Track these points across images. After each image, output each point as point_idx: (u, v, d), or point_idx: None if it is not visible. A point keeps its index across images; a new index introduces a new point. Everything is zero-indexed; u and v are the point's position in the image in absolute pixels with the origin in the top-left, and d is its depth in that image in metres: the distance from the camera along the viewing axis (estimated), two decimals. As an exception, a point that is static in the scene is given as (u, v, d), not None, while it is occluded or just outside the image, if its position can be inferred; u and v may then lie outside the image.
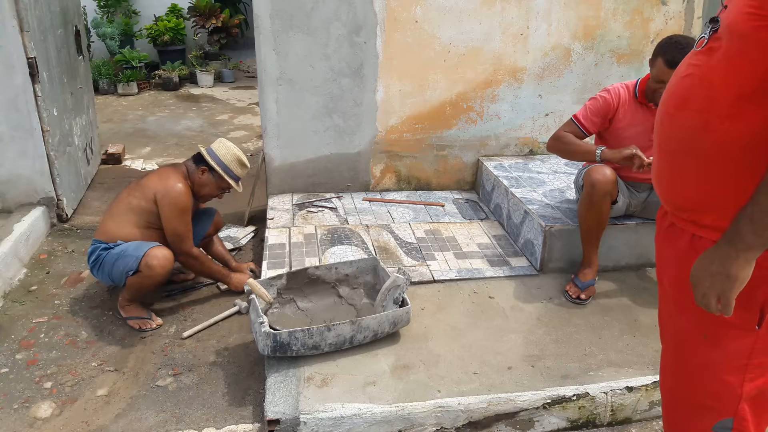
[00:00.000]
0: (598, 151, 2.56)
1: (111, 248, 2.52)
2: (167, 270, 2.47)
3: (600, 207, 2.54)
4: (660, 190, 1.31)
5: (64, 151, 3.53)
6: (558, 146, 2.72)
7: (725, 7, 1.14)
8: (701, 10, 3.68)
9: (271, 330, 2.10)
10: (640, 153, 2.43)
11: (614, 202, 2.63)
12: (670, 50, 2.36)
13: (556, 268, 2.86)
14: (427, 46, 3.41)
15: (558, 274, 2.85)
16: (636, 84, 2.66)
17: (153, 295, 2.78)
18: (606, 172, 2.52)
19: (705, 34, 1.17)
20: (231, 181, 2.68)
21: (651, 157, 2.36)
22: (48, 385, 2.24)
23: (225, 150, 2.67)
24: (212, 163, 2.63)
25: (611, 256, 2.87)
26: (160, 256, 2.43)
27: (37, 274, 3.01)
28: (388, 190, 3.73)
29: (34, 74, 3.13)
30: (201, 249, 2.71)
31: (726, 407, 1.24)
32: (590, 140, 2.83)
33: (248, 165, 2.73)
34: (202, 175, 2.65)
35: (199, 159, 2.68)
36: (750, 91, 1.06)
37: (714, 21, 1.15)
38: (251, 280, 2.35)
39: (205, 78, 7.29)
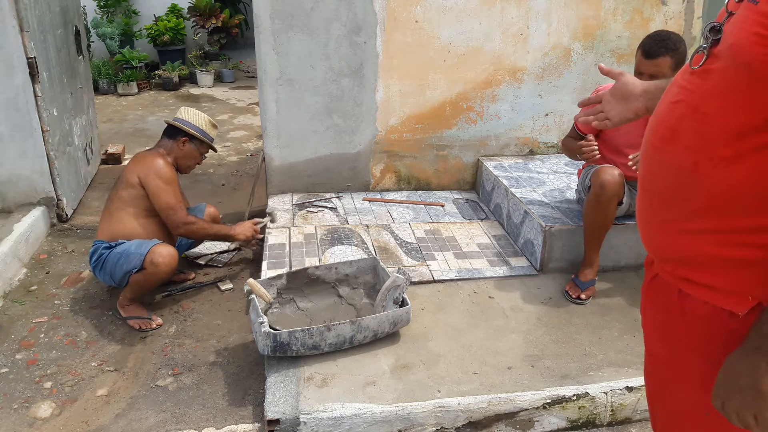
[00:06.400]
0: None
1: (113, 247, 2.52)
2: (172, 267, 2.49)
3: (607, 208, 2.54)
4: (644, 236, 1.11)
5: (64, 151, 3.53)
6: (564, 151, 2.87)
7: (730, 14, 0.92)
8: (701, 10, 3.68)
9: (271, 330, 2.10)
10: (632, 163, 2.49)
11: (620, 203, 2.64)
12: (647, 41, 2.44)
13: (556, 268, 2.86)
14: (427, 46, 3.41)
15: (558, 274, 2.85)
16: None
17: (152, 293, 2.79)
18: (615, 173, 2.52)
19: (704, 45, 0.95)
20: (208, 142, 2.77)
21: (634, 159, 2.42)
22: (48, 385, 2.24)
23: (196, 116, 2.74)
24: (191, 131, 2.69)
25: (611, 256, 2.87)
26: (165, 253, 2.45)
27: (37, 274, 3.01)
28: (388, 190, 3.73)
29: (34, 74, 3.13)
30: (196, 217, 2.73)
31: None
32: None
33: (217, 125, 2.85)
34: (184, 146, 2.71)
35: (173, 133, 2.72)
36: (751, 130, 0.87)
37: (715, 30, 0.93)
38: (251, 280, 2.34)
39: (205, 78, 7.29)
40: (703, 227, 0.96)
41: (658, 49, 2.38)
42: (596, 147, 2.49)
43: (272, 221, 3.12)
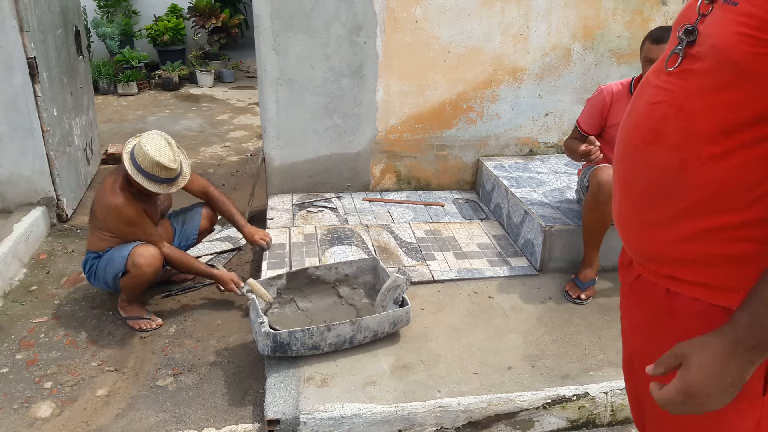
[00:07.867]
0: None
1: (101, 256, 2.52)
2: (155, 267, 2.44)
3: (605, 207, 2.54)
4: (625, 237, 1.10)
5: (64, 151, 3.53)
6: (566, 152, 2.87)
7: (703, 15, 0.93)
8: (701, 10, 3.68)
9: (271, 330, 2.10)
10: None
11: None
12: (654, 31, 2.44)
13: (556, 268, 2.86)
14: (426, 46, 3.41)
15: (558, 274, 2.85)
16: (632, 80, 2.69)
17: (152, 293, 2.79)
18: (612, 173, 2.52)
19: (679, 48, 0.96)
20: (153, 188, 2.39)
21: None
22: (48, 385, 2.24)
23: (143, 155, 2.36)
24: (130, 172, 2.37)
25: (611, 256, 2.86)
26: (146, 254, 2.41)
27: (37, 274, 3.01)
28: (388, 190, 3.73)
29: (34, 74, 3.13)
30: (174, 247, 2.61)
31: None
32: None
33: (173, 167, 2.41)
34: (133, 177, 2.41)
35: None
36: (737, 126, 0.88)
37: (689, 32, 0.94)
38: (251, 280, 2.34)
39: (205, 78, 7.29)
40: (692, 225, 0.96)
41: (666, 35, 2.37)
42: (599, 149, 2.48)
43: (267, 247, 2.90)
